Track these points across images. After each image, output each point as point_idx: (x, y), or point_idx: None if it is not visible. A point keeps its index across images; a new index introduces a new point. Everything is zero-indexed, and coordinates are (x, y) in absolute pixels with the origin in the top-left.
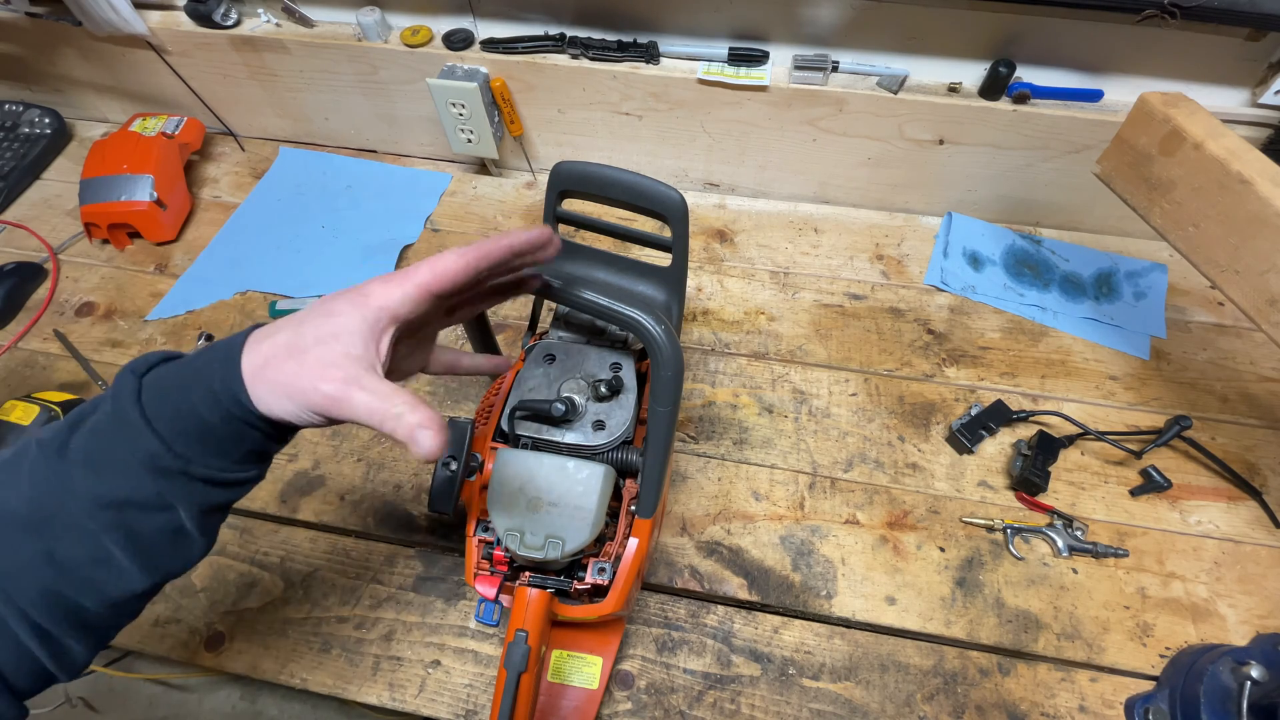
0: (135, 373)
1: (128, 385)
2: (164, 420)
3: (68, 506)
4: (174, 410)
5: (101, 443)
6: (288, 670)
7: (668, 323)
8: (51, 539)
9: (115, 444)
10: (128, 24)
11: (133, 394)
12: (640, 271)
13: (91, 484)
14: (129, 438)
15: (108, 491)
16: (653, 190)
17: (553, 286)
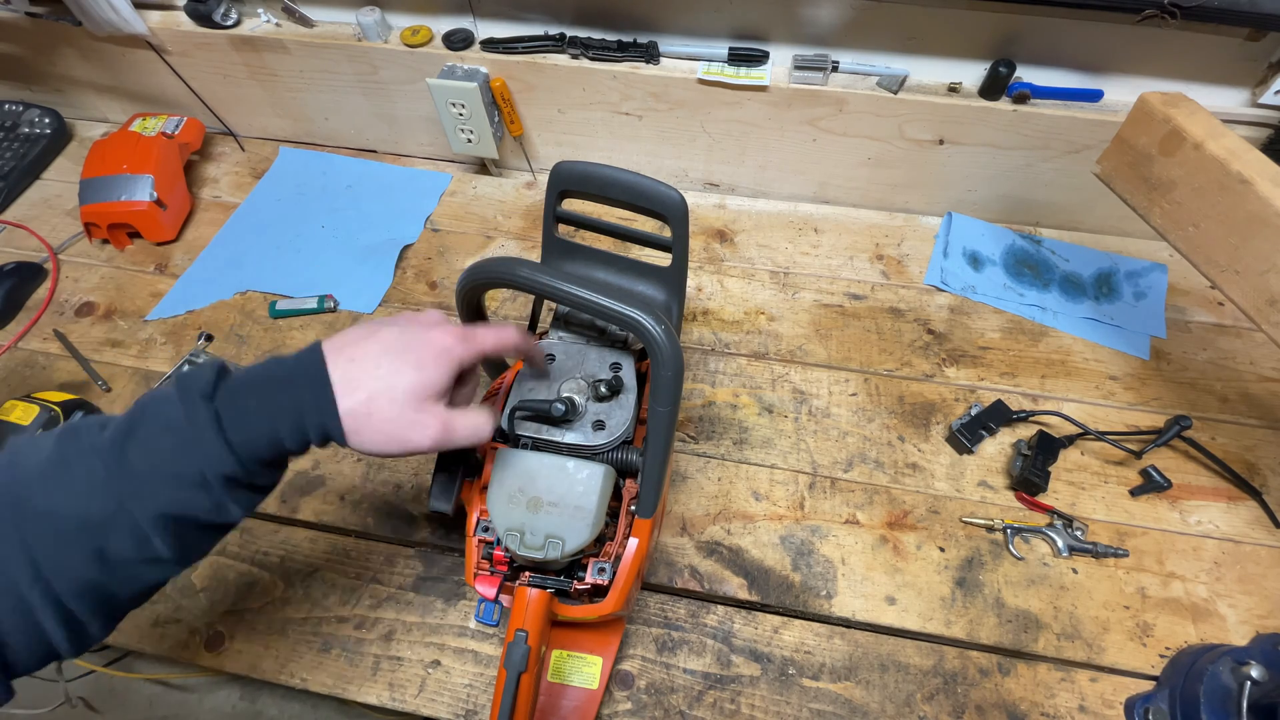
0: (205, 396)
1: (201, 411)
2: (244, 444)
3: (127, 510)
4: (255, 435)
5: (168, 456)
6: (287, 670)
7: (668, 322)
8: (104, 539)
9: (185, 458)
10: (128, 24)
11: (211, 419)
12: (640, 271)
13: (154, 493)
14: (203, 455)
15: (169, 503)
16: (653, 190)
17: (554, 286)
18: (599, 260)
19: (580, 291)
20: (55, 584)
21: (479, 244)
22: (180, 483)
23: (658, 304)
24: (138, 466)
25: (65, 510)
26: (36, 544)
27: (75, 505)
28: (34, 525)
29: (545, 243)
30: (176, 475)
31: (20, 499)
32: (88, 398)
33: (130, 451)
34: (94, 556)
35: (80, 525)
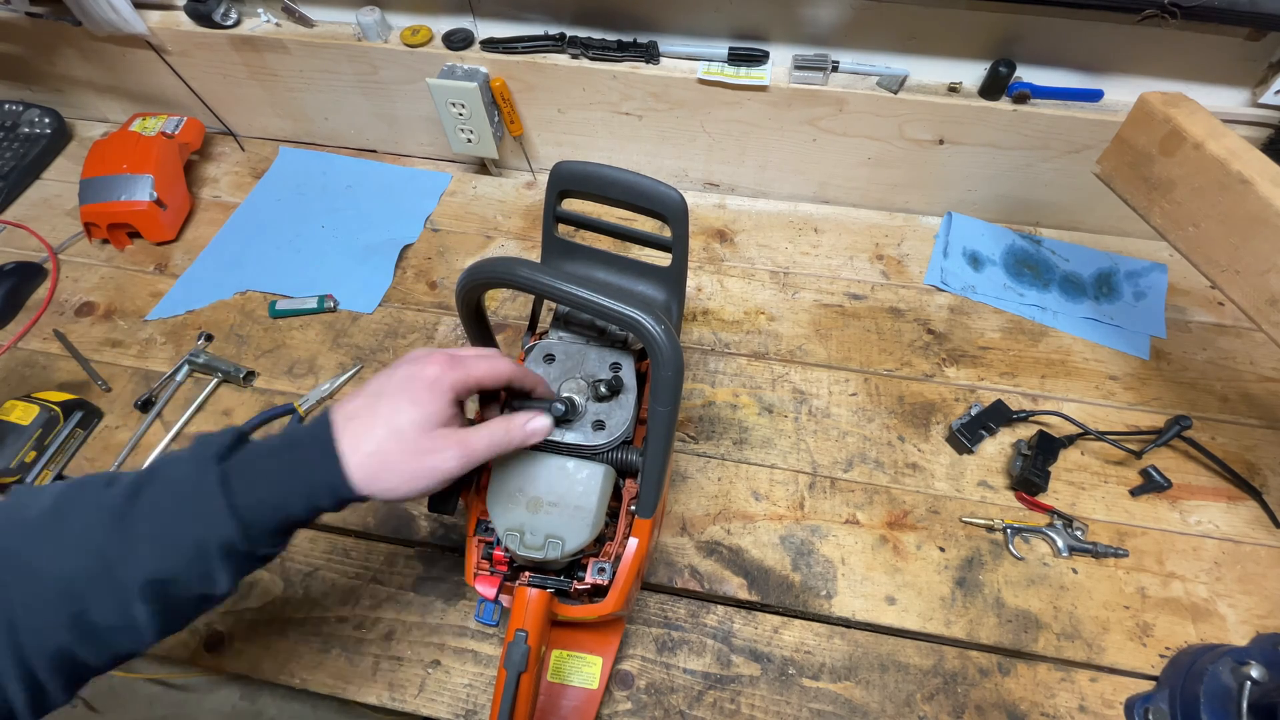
0: (218, 458)
1: (211, 473)
2: (250, 510)
3: (114, 575)
4: (260, 503)
5: (169, 518)
6: (287, 670)
7: (667, 322)
8: (85, 602)
9: (185, 521)
10: (127, 24)
11: (218, 482)
12: (640, 271)
13: (147, 557)
14: (204, 518)
15: (159, 568)
16: (652, 190)
17: (553, 286)
18: (599, 260)
19: (580, 291)
20: (27, 647)
21: (479, 244)
22: (175, 547)
23: (658, 304)
24: (137, 528)
25: (50, 569)
26: (16, 601)
27: (62, 564)
28: (16, 581)
29: (545, 243)
30: (174, 538)
31: (8, 551)
32: (88, 398)
33: (133, 512)
34: (72, 621)
35: (64, 586)
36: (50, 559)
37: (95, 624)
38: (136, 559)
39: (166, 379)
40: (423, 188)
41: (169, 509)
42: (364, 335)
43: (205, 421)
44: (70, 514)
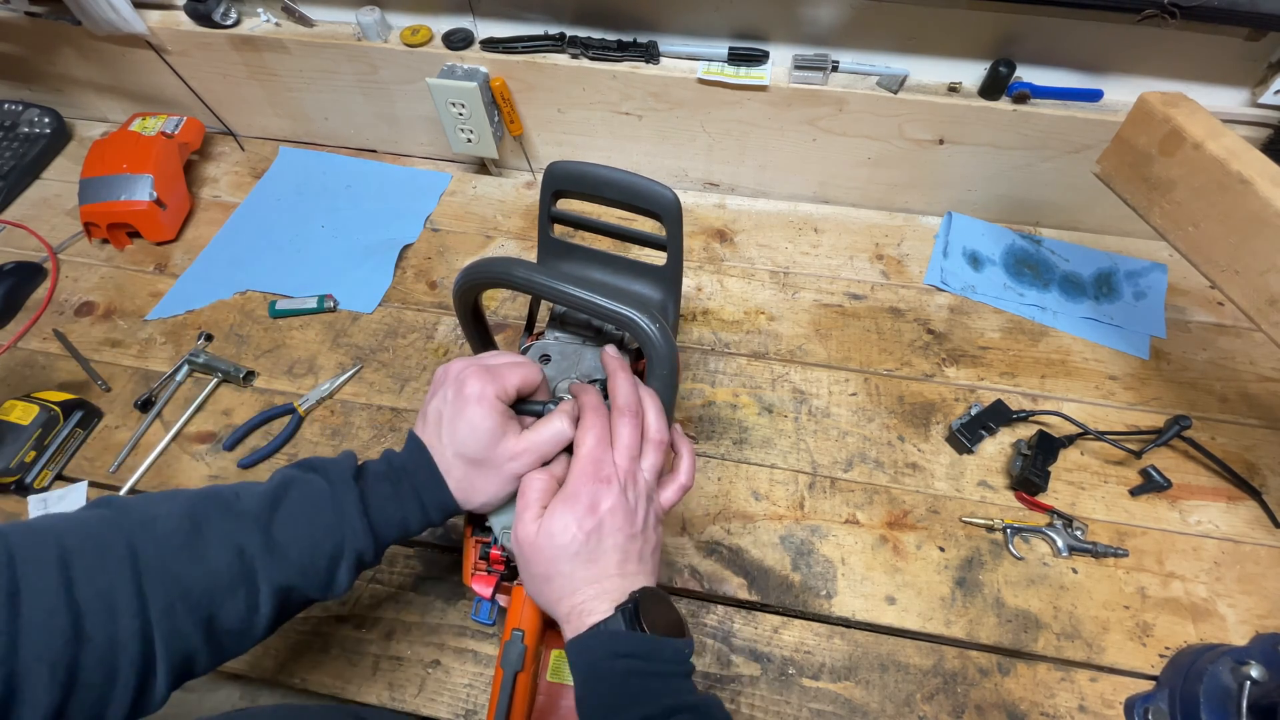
0: (354, 478)
1: (351, 492)
2: (382, 526)
3: (253, 580)
4: (390, 518)
5: (310, 530)
6: (287, 670)
7: (663, 321)
8: (219, 608)
9: (327, 534)
10: (127, 23)
11: (357, 501)
12: (636, 270)
13: (288, 566)
14: (346, 533)
15: (299, 575)
16: (646, 189)
17: (549, 286)
18: (595, 260)
19: (575, 291)
20: (159, 655)
21: (479, 244)
22: (314, 555)
23: (653, 303)
24: (278, 536)
25: (192, 574)
26: (155, 606)
27: (205, 569)
28: (157, 587)
29: (541, 243)
30: (313, 547)
31: (148, 560)
32: (87, 397)
33: (275, 521)
34: (202, 625)
35: (203, 592)
36: (192, 564)
37: (221, 627)
38: (277, 565)
39: (166, 379)
40: (422, 187)
41: (309, 520)
42: (364, 335)
43: (205, 421)
44: (207, 524)
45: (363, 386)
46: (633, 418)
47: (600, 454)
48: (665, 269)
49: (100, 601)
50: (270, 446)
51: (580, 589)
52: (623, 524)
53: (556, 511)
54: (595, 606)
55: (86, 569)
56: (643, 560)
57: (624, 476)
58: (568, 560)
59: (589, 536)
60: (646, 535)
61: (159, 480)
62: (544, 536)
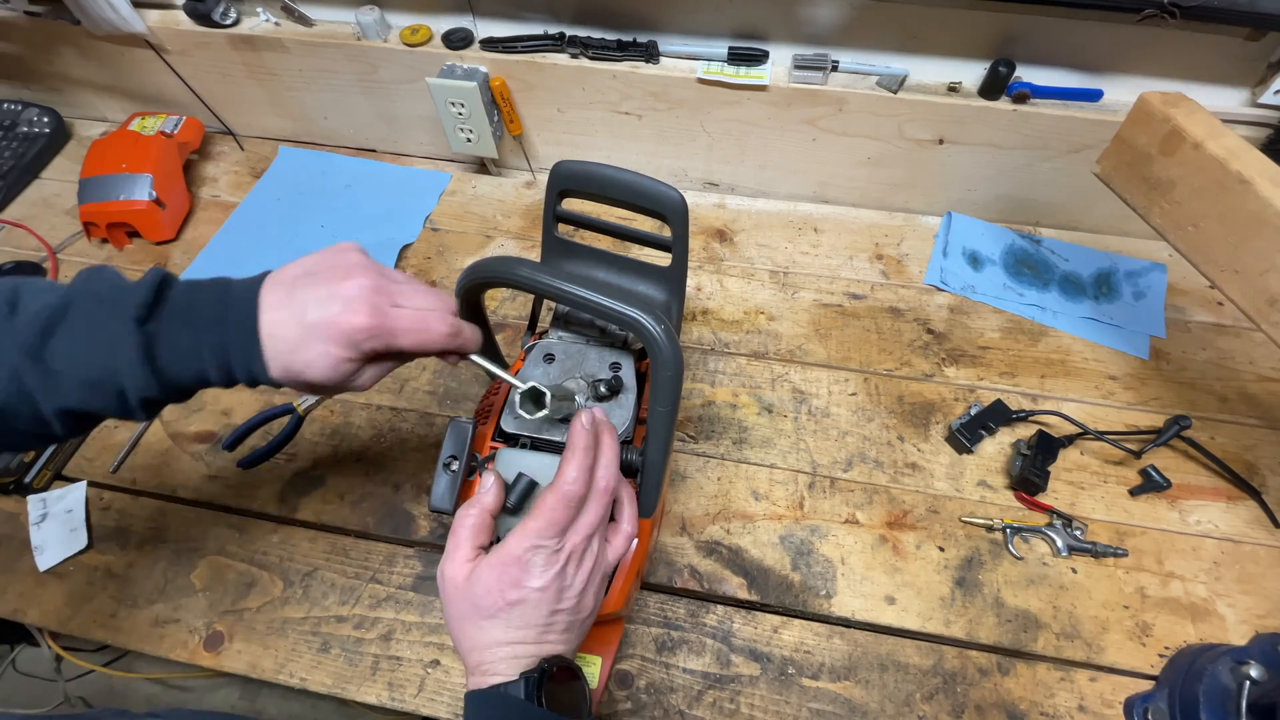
0: (138, 320)
1: (131, 336)
2: (170, 371)
3: (32, 399)
4: (183, 368)
5: (88, 364)
6: (287, 670)
7: (667, 322)
8: (4, 419)
9: (107, 373)
10: (126, 23)
11: (140, 347)
12: (640, 271)
13: (67, 393)
14: (126, 376)
15: (81, 402)
16: (652, 190)
17: (553, 286)
18: (599, 260)
19: (579, 291)
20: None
21: (478, 243)
22: (97, 390)
23: (657, 303)
24: (55, 365)
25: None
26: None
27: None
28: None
29: (545, 242)
30: (95, 383)
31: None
32: None
33: (51, 348)
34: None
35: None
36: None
37: (16, 429)
38: (54, 391)
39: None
40: (422, 187)
41: (86, 357)
42: None
43: (205, 421)
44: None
45: None
46: (604, 498)
47: (550, 526)
48: (670, 270)
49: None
50: (270, 446)
51: (492, 648)
52: (550, 600)
53: (485, 571)
54: (502, 669)
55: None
56: (567, 630)
57: (569, 553)
58: (485, 619)
59: (511, 607)
60: (579, 607)
61: (158, 480)
62: (468, 587)
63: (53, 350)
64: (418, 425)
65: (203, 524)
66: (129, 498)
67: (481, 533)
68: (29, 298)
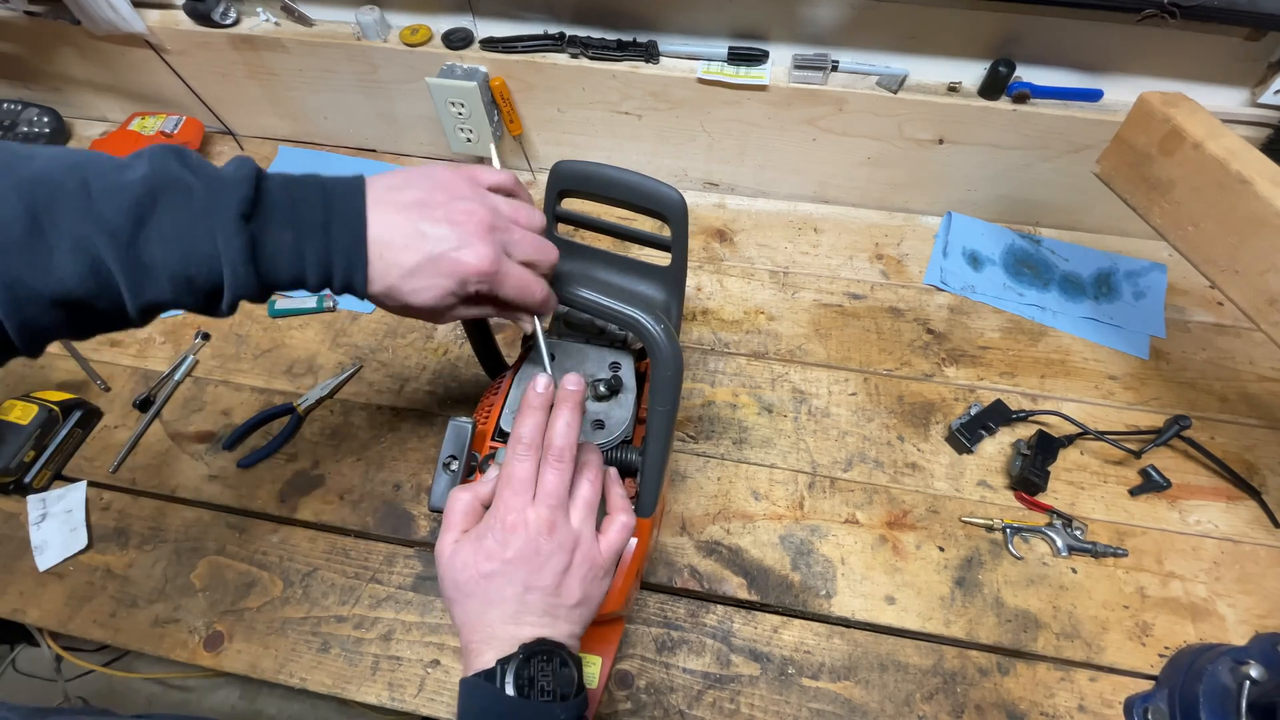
0: (243, 216)
1: (239, 237)
2: (270, 274)
3: (112, 295)
4: (283, 269)
5: (185, 259)
6: (287, 670)
7: (667, 322)
8: (80, 303)
9: (204, 270)
10: (126, 22)
11: (245, 248)
12: (640, 271)
13: (159, 289)
14: (228, 275)
15: (171, 298)
16: (652, 190)
17: (552, 285)
18: (599, 259)
19: (580, 291)
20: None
21: None
22: (189, 285)
23: (657, 303)
24: (145, 258)
25: (37, 279)
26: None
27: (53, 276)
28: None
29: None
30: (188, 278)
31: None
32: (87, 397)
33: (143, 240)
34: (55, 314)
35: (57, 292)
36: (33, 270)
37: (93, 318)
38: (144, 284)
39: (165, 378)
40: None
41: (183, 251)
42: (363, 335)
43: (205, 421)
44: (52, 224)
45: (362, 386)
46: (558, 463)
47: (515, 498)
48: (669, 270)
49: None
50: (270, 446)
51: (477, 628)
52: (523, 574)
53: (464, 545)
54: (483, 650)
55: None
56: (549, 615)
57: (538, 526)
58: (465, 597)
59: (486, 580)
60: (560, 590)
61: (158, 480)
62: (449, 564)
63: (145, 241)
64: (418, 425)
65: (203, 524)
66: (129, 498)
67: (470, 516)
68: (99, 178)
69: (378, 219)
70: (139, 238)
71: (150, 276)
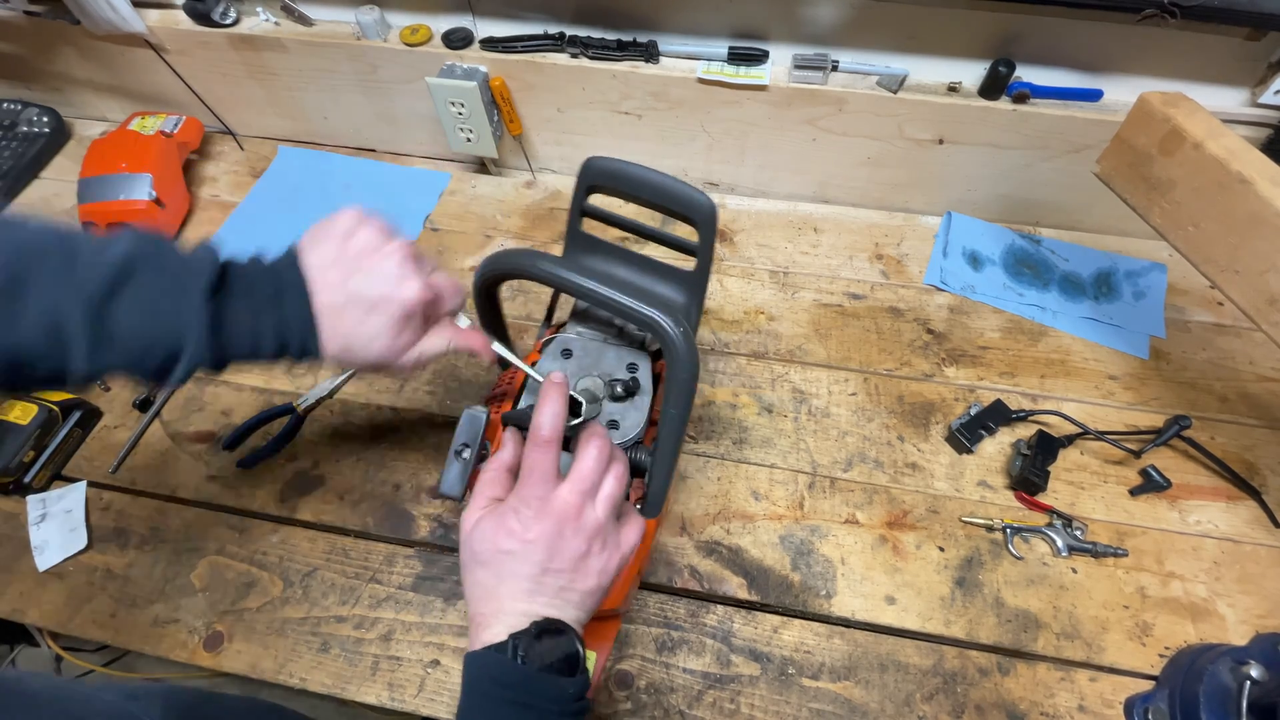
0: (207, 294)
1: (202, 311)
2: (228, 349)
3: (79, 359)
4: (240, 342)
5: (150, 330)
6: (286, 670)
7: (686, 325)
8: (36, 362)
9: (167, 340)
10: (126, 22)
11: (206, 323)
12: (662, 272)
13: (123, 353)
14: (190, 348)
15: (131, 363)
16: (683, 193)
17: (573, 281)
18: (621, 258)
19: (599, 288)
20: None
21: (478, 243)
22: (148, 354)
23: (678, 306)
24: (113, 325)
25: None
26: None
27: (14, 336)
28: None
29: (569, 236)
30: (148, 348)
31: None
32: (86, 397)
33: (111, 311)
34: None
35: (8, 349)
36: (5, 331)
37: (32, 377)
38: (102, 352)
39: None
40: (422, 187)
41: (151, 318)
42: None
43: (204, 421)
44: (32, 285)
45: (362, 386)
46: (600, 441)
47: (544, 478)
48: (693, 274)
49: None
50: (269, 446)
51: (488, 599)
52: (542, 558)
53: (488, 518)
54: (493, 624)
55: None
56: (560, 596)
57: (564, 510)
58: (480, 566)
59: (504, 557)
60: (578, 573)
61: (158, 480)
62: (470, 535)
63: (115, 309)
64: (418, 425)
65: (203, 524)
66: (129, 498)
67: (496, 486)
68: (85, 249)
69: (321, 285)
70: (110, 305)
71: (112, 342)
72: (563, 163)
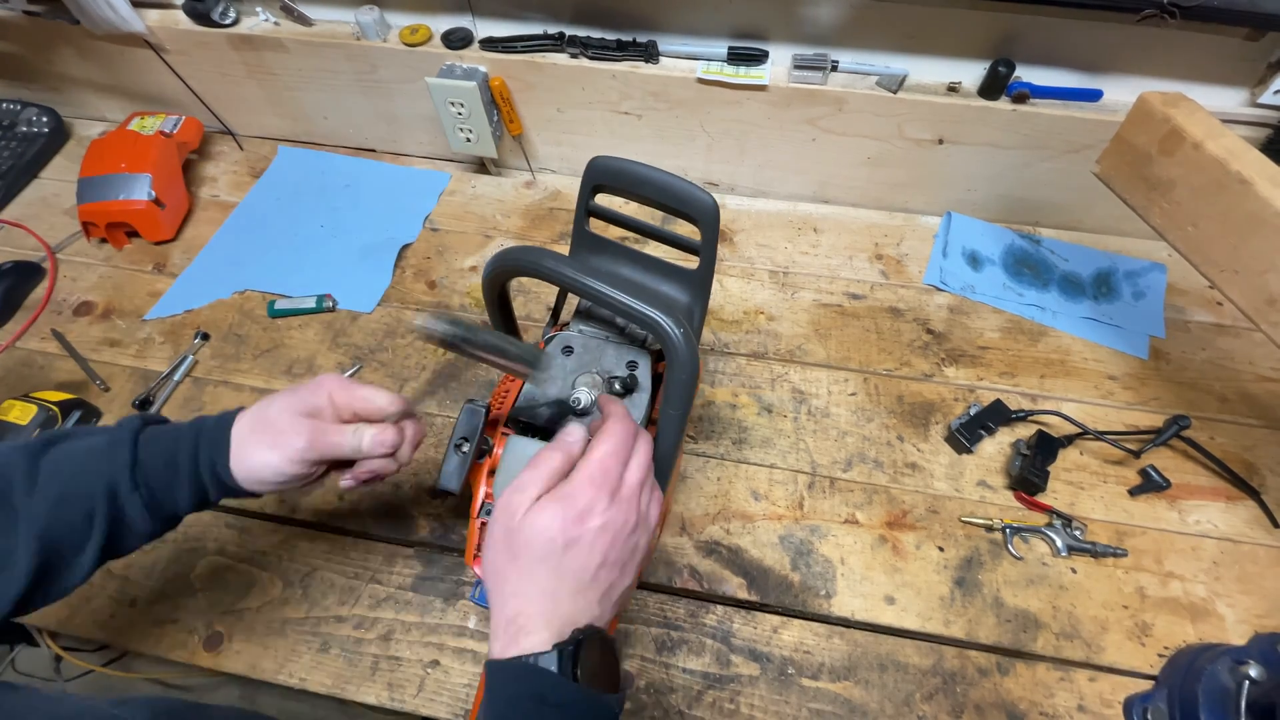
0: (131, 471)
1: (125, 482)
2: (148, 489)
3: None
4: (158, 505)
5: (70, 484)
6: (286, 670)
7: (687, 326)
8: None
9: (83, 490)
10: (126, 22)
11: (131, 488)
12: (665, 272)
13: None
14: (112, 485)
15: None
16: (687, 192)
17: (577, 280)
18: (626, 257)
19: (602, 287)
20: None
21: (478, 243)
22: (73, 506)
23: (680, 306)
24: (43, 490)
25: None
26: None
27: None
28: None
29: (575, 235)
30: (72, 501)
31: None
32: (86, 397)
33: (40, 470)
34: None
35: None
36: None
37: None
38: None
39: (164, 378)
40: (422, 187)
41: (73, 475)
42: (363, 335)
43: None
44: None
45: None
46: (649, 440)
47: (613, 464)
48: (696, 273)
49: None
50: None
51: (533, 599)
52: (604, 548)
53: (548, 505)
54: (534, 629)
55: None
56: (604, 597)
57: (629, 496)
58: (534, 560)
59: (567, 546)
60: (624, 572)
61: None
62: (527, 521)
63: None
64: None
65: (203, 524)
66: None
67: (556, 477)
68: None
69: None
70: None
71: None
72: (562, 163)
